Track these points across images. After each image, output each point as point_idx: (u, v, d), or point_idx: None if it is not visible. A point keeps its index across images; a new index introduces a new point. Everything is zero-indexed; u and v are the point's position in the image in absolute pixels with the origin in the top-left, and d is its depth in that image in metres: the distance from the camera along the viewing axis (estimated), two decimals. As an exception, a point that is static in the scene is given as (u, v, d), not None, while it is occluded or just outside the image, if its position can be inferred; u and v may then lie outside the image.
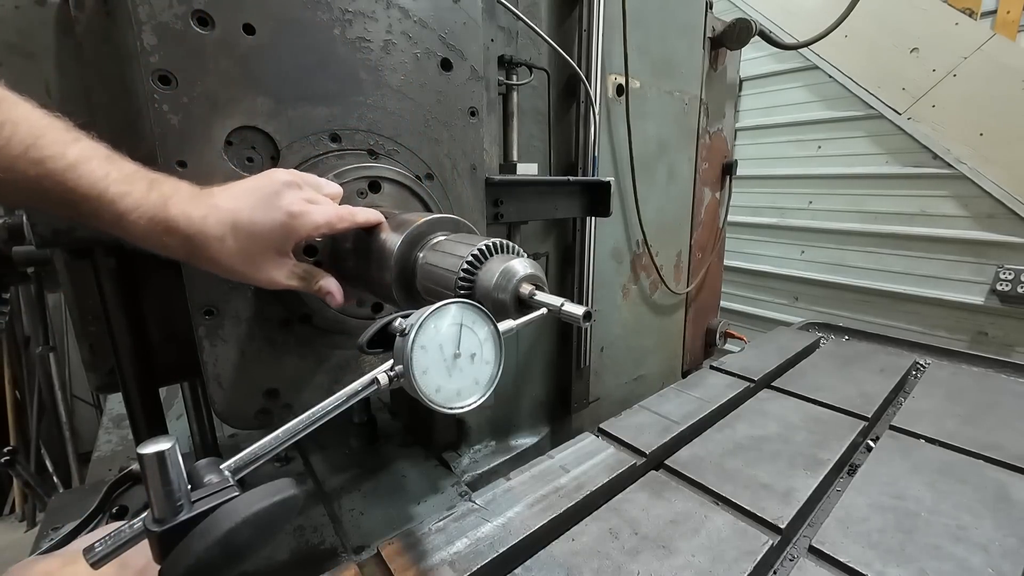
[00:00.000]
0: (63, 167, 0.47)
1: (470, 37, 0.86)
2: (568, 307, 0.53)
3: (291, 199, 0.56)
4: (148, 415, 0.86)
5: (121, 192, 0.49)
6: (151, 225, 0.50)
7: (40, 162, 0.46)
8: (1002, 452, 1.05)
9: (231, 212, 0.53)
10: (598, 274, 1.49)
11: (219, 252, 0.53)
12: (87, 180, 0.48)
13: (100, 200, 0.48)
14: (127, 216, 0.49)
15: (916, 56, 2.64)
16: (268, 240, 0.56)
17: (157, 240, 0.51)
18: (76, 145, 0.48)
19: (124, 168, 0.51)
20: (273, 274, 0.58)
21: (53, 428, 3.09)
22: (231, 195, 0.55)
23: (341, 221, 0.61)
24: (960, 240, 2.56)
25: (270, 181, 0.57)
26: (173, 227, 0.51)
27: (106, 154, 0.51)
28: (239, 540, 0.39)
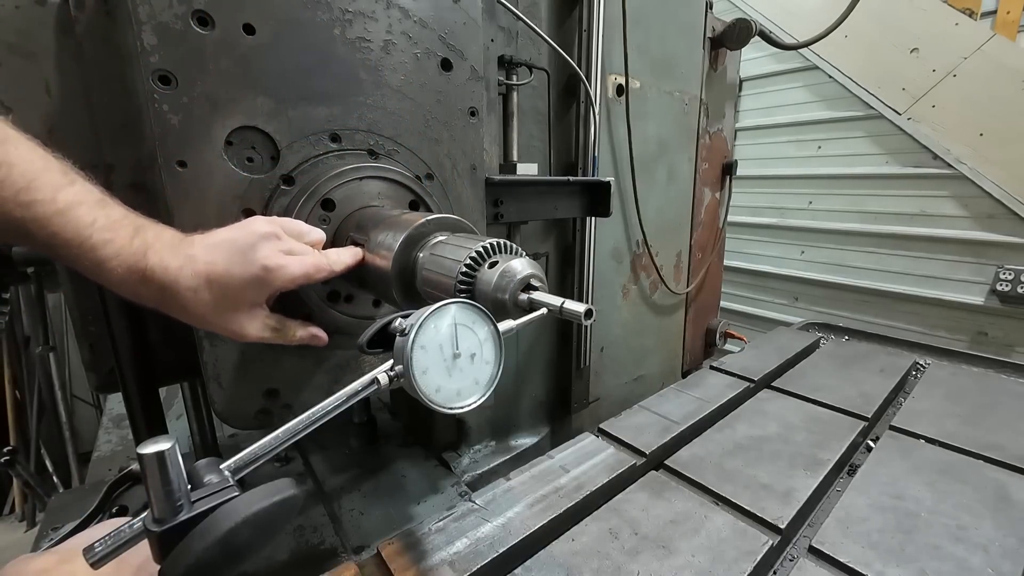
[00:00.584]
0: (51, 212, 0.47)
1: (470, 37, 0.86)
2: (569, 305, 0.53)
3: (267, 252, 0.55)
4: (148, 415, 0.86)
5: (104, 239, 0.50)
6: (127, 274, 0.51)
7: (29, 206, 0.46)
8: (1002, 452, 1.05)
9: (207, 264, 0.53)
10: (598, 274, 1.49)
11: (191, 303, 0.53)
12: (72, 227, 0.48)
13: (81, 247, 0.49)
14: (106, 263, 0.50)
15: (916, 56, 2.64)
16: (241, 294, 0.56)
17: (132, 288, 0.52)
18: (69, 189, 0.49)
19: (112, 214, 0.51)
20: (245, 326, 0.58)
21: (53, 428, 3.09)
22: (208, 246, 0.55)
23: (319, 272, 0.60)
24: (960, 240, 2.56)
25: (247, 233, 0.56)
26: (149, 276, 0.51)
27: (98, 199, 0.51)
28: (239, 540, 0.39)
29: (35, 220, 0.47)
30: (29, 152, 0.48)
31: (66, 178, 0.50)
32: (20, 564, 0.49)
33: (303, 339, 0.66)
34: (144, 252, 0.51)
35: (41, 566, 0.48)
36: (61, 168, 0.50)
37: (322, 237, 0.65)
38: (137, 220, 0.54)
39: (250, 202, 0.70)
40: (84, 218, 0.49)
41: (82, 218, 0.49)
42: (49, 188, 0.48)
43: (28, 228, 0.47)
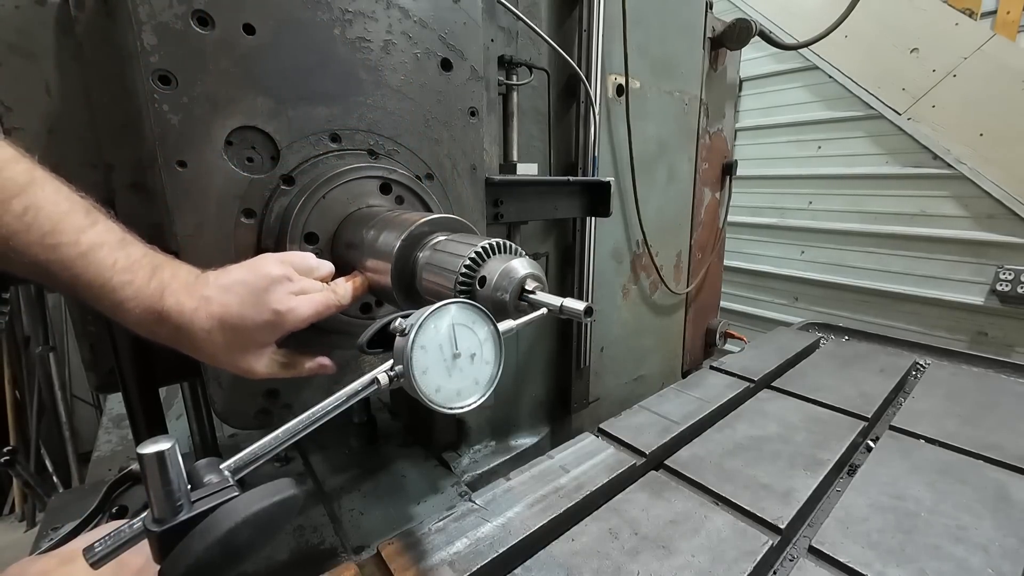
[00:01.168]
0: (74, 255, 0.49)
1: (470, 37, 0.86)
2: (569, 304, 0.53)
3: (279, 296, 0.57)
4: (148, 415, 0.86)
5: (123, 281, 0.51)
6: (145, 314, 0.52)
7: (53, 248, 0.48)
8: (1002, 452, 1.05)
9: (221, 307, 0.54)
10: (598, 274, 1.49)
11: (204, 343, 0.55)
12: (94, 269, 0.50)
13: (102, 289, 0.50)
14: (125, 304, 0.51)
15: (916, 56, 2.64)
16: (252, 336, 0.57)
17: (148, 328, 0.53)
18: (92, 231, 0.50)
19: (132, 254, 0.53)
20: (254, 365, 0.59)
21: (53, 428, 3.09)
22: (222, 287, 0.56)
23: (328, 309, 0.62)
24: (960, 240, 2.56)
25: (259, 276, 0.57)
26: (165, 317, 0.53)
27: (119, 239, 0.53)
28: (239, 540, 0.39)
29: (59, 262, 0.48)
30: (55, 193, 0.49)
31: (89, 218, 0.51)
32: (21, 567, 0.49)
33: (312, 371, 0.67)
34: (161, 293, 0.53)
35: (41, 568, 0.48)
36: (84, 208, 0.51)
37: (331, 270, 0.66)
38: (155, 259, 0.55)
39: (250, 202, 0.70)
40: (105, 260, 0.50)
41: (103, 260, 0.50)
42: (73, 230, 0.49)
43: (51, 270, 0.48)
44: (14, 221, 0.46)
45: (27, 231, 0.46)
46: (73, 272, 0.49)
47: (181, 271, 0.56)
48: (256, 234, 0.72)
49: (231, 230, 0.70)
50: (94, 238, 0.50)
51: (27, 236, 0.46)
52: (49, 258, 0.48)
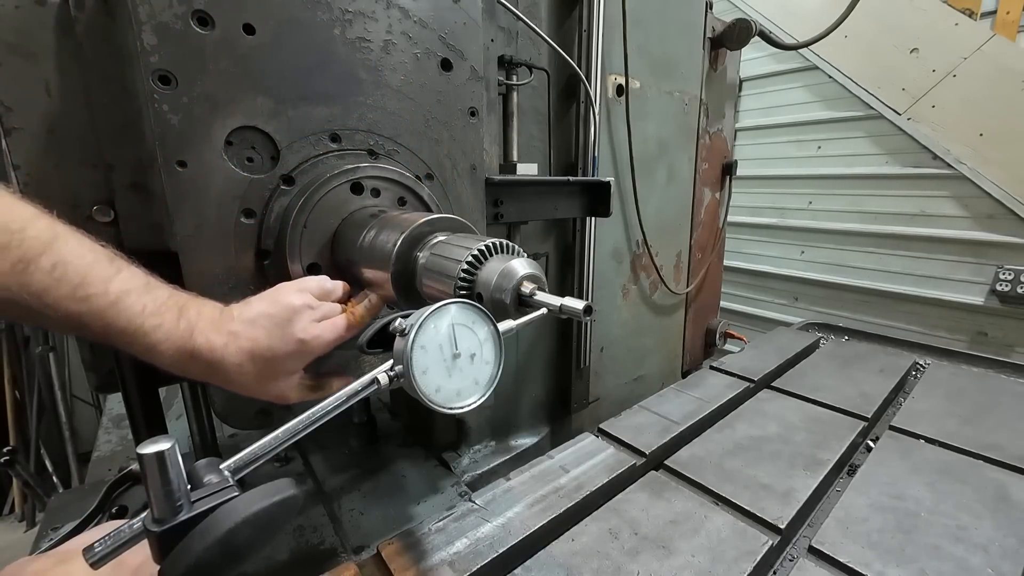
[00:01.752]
0: (105, 305, 0.50)
1: (470, 37, 0.86)
2: (568, 303, 0.53)
3: (302, 325, 0.59)
4: (148, 415, 0.86)
5: (154, 325, 0.53)
6: (178, 354, 0.54)
7: (85, 300, 0.49)
8: (1002, 452, 1.05)
9: (249, 341, 0.57)
10: (598, 274, 1.49)
11: (236, 376, 0.57)
12: (125, 315, 0.51)
13: (136, 334, 0.52)
14: (158, 347, 0.53)
15: (916, 56, 2.64)
16: (281, 365, 0.59)
17: (182, 366, 0.55)
18: (118, 279, 0.52)
19: (158, 297, 0.55)
20: (285, 392, 0.62)
21: (53, 428, 3.09)
22: (247, 322, 0.58)
23: (349, 332, 0.64)
24: (960, 240, 2.56)
25: (282, 308, 0.59)
26: (197, 355, 0.55)
27: (144, 283, 0.54)
28: (239, 540, 0.39)
29: (91, 313, 0.50)
30: (79, 246, 0.50)
31: (113, 267, 0.53)
32: (17, 567, 0.49)
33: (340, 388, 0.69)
34: (191, 333, 0.55)
35: (38, 568, 0.48)
36: (107, 256, 0.53)
37: (346, 289, 0.69)
38: (180, 299, 0.57)
39: (250, 202, 0.70)
40: (134, 306, 0.52)
41: (133, 306, 0.52)
42: (101, 281, 0.50)
43: (84, 321, 0.50)
44: (45, 277, 0.47)
45: (57, 286, 0.48)
46: (105, 321, 0.51)
47: (206, 308, 0.58)
48: (256, 234, 0.72)
49: (231, 230, 0.70)
50: (121, 286, 0.52)
51: (58, 291, 0.48)
52: (81, 310, 0.49)
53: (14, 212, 0.47)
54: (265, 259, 0.72)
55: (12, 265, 0.46)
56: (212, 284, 0.69)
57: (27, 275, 0.46)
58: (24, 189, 0.70)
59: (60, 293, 0.48)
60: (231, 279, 0.71)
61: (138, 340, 0.52)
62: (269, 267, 0.73)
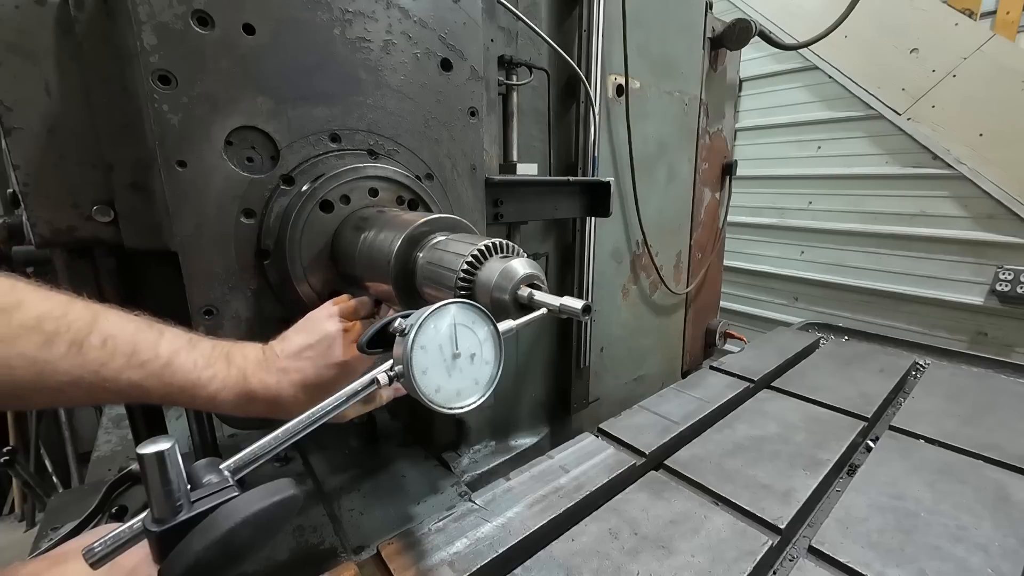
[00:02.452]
0: (160, 367, 0.52)
1: (470, 37, 0.86)
2: (567, 302, 0.53)
3: (342, 349, 0.62)
4: (147, 415, 0.86)
5: (209, 376, 0.56)
6: (238, 399, 0.57)
7: (141, 366, 0.51)
8: (1001, 452, 1.05)
9: (299, 373, 0.60)
10: (598, 274, 1.49)
11: (295, 407, 0.59)
12: (181, 374, 0.54)
13: (195, 388, 0.54)
14: (217, 396, 0.56)
15: (916, 57, 2.64)
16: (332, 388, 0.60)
17: (243, 409, 0.58)
18: (164, 341, 0.54)
19: (204, 350, 0.57)
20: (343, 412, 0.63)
21: (52, 428, 3.08)
22: (292, 356, 0.61)
23: None
24: (960, 240, 2.56)
25: (321, 337, 0.62)
26: (255, 396, 0.58)
27: (187, 340, 0.57)
28: (239, 540, 0.39)
29: (149, 377, 0.52)
30: (119, 319, 0.52)
31: (156, 330, 0.54)
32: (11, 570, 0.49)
33: (390, 399, 0.72)
34: (244, 377, 0.58)
35: (32, 570, 0.48)
36: (147, 323, 0.55)
37: (370, 302, 0.71)
38: (223, 347, 0.59)
39: (250, 202, 0.70)
40: (186, 363, 0.54)
41: (185, 363, 0.54)
42: (150, 346, 0.53)
43: (145, 387, 0.52)
44: (99, 354, 0.49)
45: (112, 359, 0.50)
46: (163, 382, 0.53)
47: (249, 351, 0.61)
48: (256, 234, 0.72)
49: (231, 230, 0.70)
50: (169, 347, 0.54)
51: (114, 363, 0.50)
52: (139, 377, 0.51)
53: (51, 301, 0.48)
54: (265, 259, 0.72)
55: (67, 348, 0.47)
56: (212, 284, 0.69)
57: (82, 355, 0.48)
58: (24, 189, 0.70)
59: (116, 365, 0.50)
60: (231, 279, 0.71)
61: (199, 394, 0.55)
62: (269, 267, 0.73)
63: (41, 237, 0.73)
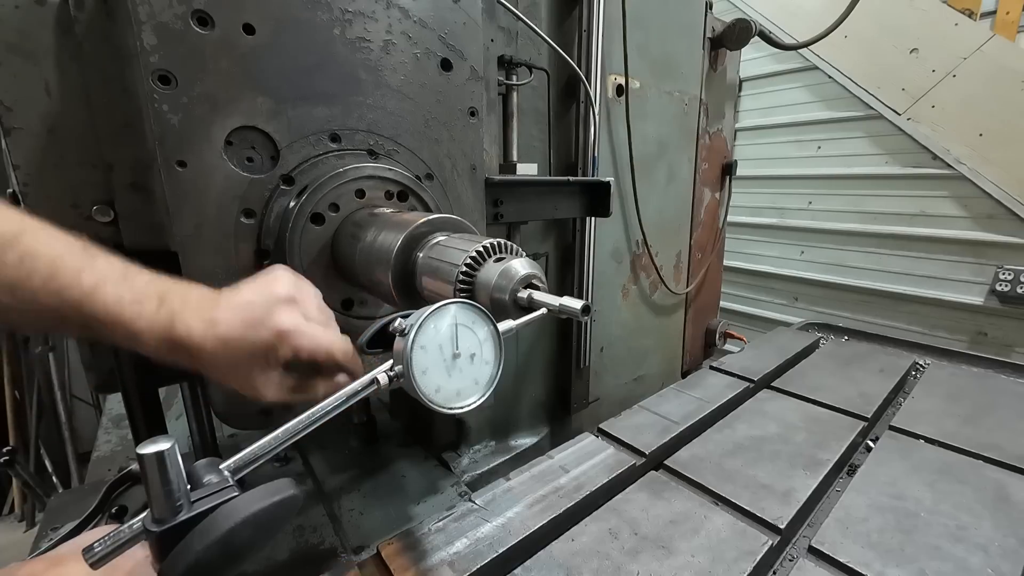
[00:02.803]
0: (80, 296, 0.49)
1: (470, 37, 0.86)
2: (567, 302, 0.53)
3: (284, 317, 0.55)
4: (147, 415, 0.86)
5: (134, 314, 0.51)
6: (160, 343, 0.52)
7: (59, 292, 0.48)
8: (1001, 452, 1.05)
9: (226, 327, 0.54)
10: (598, 274, 1.49)
11: (212, 365, 0.54)
12: (102, 306, 0.50)
13: (115, 324, 0.50)
14: (140, 336, 0.52)
15: (916, 57, 2.64)
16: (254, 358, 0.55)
17: (164, 355, 0.53)
18: (91, 269, 0.50)
19: (136, 286, 0.53)
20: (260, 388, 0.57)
21: (52, 428, 3.09)
22: (229, 307, 0.55)
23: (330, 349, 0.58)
24: (959, 240, 2.57)
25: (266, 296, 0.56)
26: (178, 343, 0.53)
27: (121, 272, 0.52)
28: (238, 540, 0.39)
29: (68, 306, 0.48)
30: (48, 238, 0.49)
31: (86, 256, 0.51)
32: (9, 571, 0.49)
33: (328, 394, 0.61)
34: (171, 321, 0.53)
35: (30, 570, 0.48)
36: (80, 247, 0.51)
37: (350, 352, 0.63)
38: (161, 286, 0.54)
39: (250, 202, 0.70)
40: (111, 296, 0.50)
41: (109, 296, 0.50)
42: (73, 271, 0.49)
43: (63, 314, 0.49)
44: (12, 271, 0.46)
45: (28, 279, 0.47)
46: (83, 312, 0.49)
47: (192, 294, 0.55)
48: (256, 234, 0.72)
49: (231, 230, 0.70)
50: (96, 276, 0.50)
51: (30, 283, 0.47)
52: (57, 303, 0.48)
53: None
54: (265, 259, 0.72)
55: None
56: (212, 284, 0.69)
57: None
58: (24, 189, 0.70)
59: (33, 285, 0.47)
60: (231, 279, 0.71)
61: (119, 330, 0.51)
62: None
63: (41, 237, 0.72)
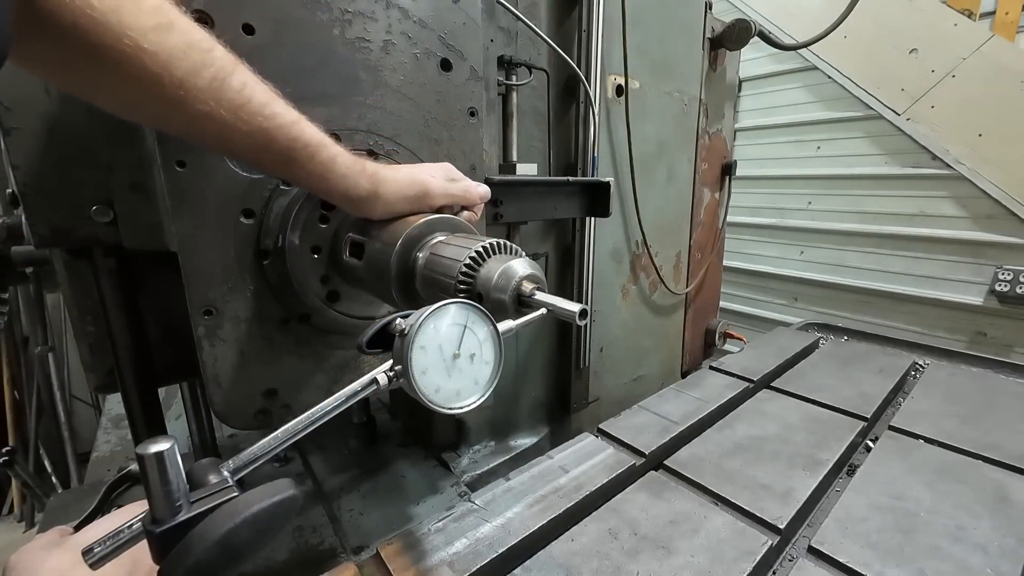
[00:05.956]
0: (290, 122, 0.57)
1: (470, 37, 0.86)
2: (563, 305, 0.53)
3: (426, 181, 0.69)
4: (147, 415, 0.86)
5: (330, 140, 0.61)
6: (352, 163, 0.62)
7: (273, 117, 0.55)
8: (1001, 452, 1.05)
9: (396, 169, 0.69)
10: (597, 274, 1.49)
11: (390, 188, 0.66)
12: (309, 131, 0.58)
13: (319, 146, 0.59)
14: (338, 157, 0.61)
15: (915, 57, 2.64)
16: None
17: (355, 180, 0.63)
18: (291, 106, 0.58)
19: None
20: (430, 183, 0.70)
21: (52, 428, 3.08)
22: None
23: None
24: (959, 240, 2.57)
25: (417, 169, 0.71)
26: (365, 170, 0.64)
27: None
28: (238, 541, 0.39)
29: (279, 128, 0.56)
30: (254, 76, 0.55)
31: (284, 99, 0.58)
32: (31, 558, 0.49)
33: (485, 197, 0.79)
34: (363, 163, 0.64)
35: (55, 565, 0.48)
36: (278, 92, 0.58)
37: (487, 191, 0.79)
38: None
39: (250, 202, 0.70)
40: (310, 127, 0.59)
41: (309, 126, 0.59)
42: (282, 104, 0.57)
43: (272, 135, 0.55)
44: (236, 96, 0.52)
45: (248, 104, 0.53)
46: (291, 135, 0.56)
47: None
48: (255, 234, 0.72)
49: (231, 230, 0.70)
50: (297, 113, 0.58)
51: (249, 107, 0.53)
52: (271, 126, 0.55)
53: (199, 32, 0.50)
54: (265, 259, 0.72)
55: (209, 81, 0.50)
56: (211, 284, 0.69)
57: (222, 92, 0.51)
58: (23, 189, 0.70)
59: (251, 109, 0.53)
60: (230, 279, 0.71)
61: (321, 152, 0.59)
62: (269, 267, 0.73)
63: (40, 237, 0.73)
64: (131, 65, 0.45)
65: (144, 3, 0.45)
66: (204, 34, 0.50)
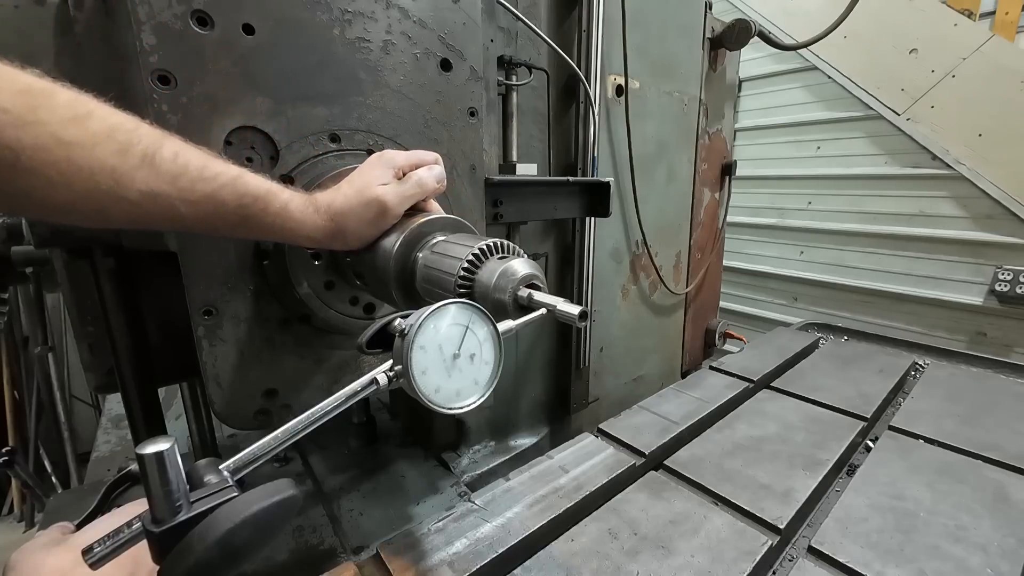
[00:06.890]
0: (232, 179, 0.55)
1: (470, 37, 0.86)
2: (563, 307, 0.53)
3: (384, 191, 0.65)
4: (147, 415, 0.86)
5: (279, 187, 0.60)
6: (305, 204, 0.61)
7: (215, 178, 0.54)
8: (1001, 452, 1.05)
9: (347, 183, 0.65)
10: (597, 274, 1.49)
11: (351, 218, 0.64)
12: (253, 184, 0.57)
13: (269, 196, 0.58)
14: (290, 204, 0.60)
15: (915, 57, 2.64)
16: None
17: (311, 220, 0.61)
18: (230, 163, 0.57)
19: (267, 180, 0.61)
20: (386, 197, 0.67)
21: (52, 428, 3.08)
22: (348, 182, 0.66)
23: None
24: (959, 241, 2.57)
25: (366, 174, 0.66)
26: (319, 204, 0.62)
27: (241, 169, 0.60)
28: (238, 540, 0.39)
29: (223, 187, 0.54)
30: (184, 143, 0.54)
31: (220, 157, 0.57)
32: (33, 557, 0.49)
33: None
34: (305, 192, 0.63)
35: (56, 564, 0.48)
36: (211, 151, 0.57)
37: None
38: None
39: (249, 202, 0.70)
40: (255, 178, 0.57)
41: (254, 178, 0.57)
42: (219, 163, 0.55)
43: (220, 196, 0.54)
44: (172, 167, 0.51)
45: (185, 171, 0.52)
46: (237, 192, 0.55)
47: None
48: (255, 234, 0.72)
49: (230, 230, 0.70)
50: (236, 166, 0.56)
51: (188, 175, 0.52)
52: (215, 187, 0.54)
53: (119, 115, 0.49)
54: (264, 259, 0.72)
55: (141, 160, 0.49)
56: (211, 284, 0.69)
57: (155, 167, 0.50)
58: (23, 189, 0.70)
59: (189, 177, 0.52)
60: (230, 279, 0.71)
61: (272, 201, 0.58)
62: (268, 267, 0.73)
63: (40, 237, 0.73)
64: (56, 161, 0.44)
65: (57, 99, 0.44)
66: (126, 116, 0.49)
